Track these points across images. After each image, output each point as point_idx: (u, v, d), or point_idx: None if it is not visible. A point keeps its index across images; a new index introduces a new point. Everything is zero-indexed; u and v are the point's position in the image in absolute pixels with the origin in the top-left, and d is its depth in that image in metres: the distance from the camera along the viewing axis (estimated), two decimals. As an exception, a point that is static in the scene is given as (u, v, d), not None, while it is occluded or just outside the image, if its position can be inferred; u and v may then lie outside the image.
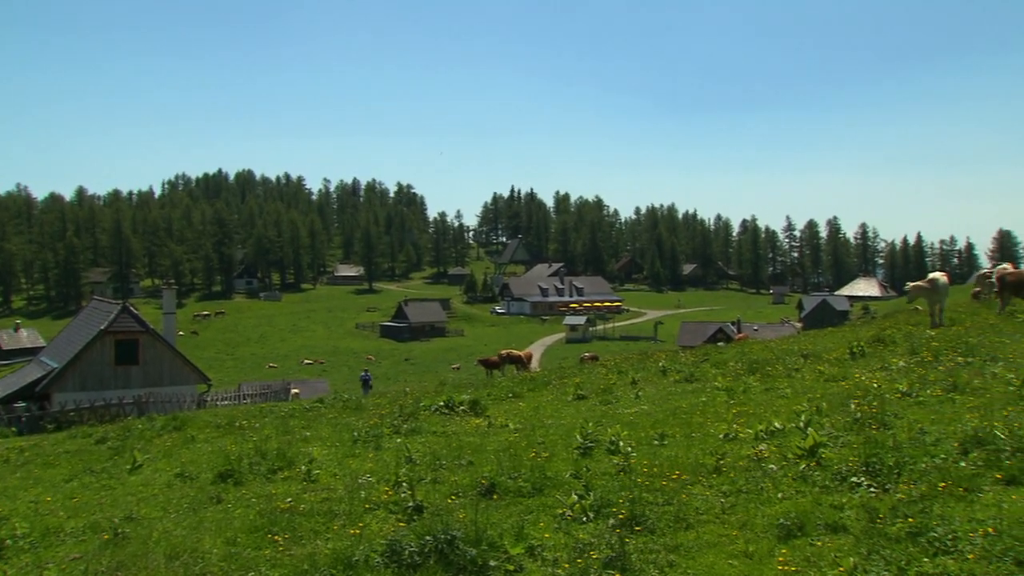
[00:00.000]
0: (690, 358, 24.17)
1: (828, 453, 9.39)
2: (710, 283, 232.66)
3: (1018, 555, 5.98)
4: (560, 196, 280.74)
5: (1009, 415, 9.63)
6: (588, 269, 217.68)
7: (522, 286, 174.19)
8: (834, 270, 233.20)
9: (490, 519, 8.31)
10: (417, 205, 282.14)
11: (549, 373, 27.61)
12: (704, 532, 7.69)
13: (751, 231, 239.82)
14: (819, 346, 21.70)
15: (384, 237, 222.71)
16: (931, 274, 23.81)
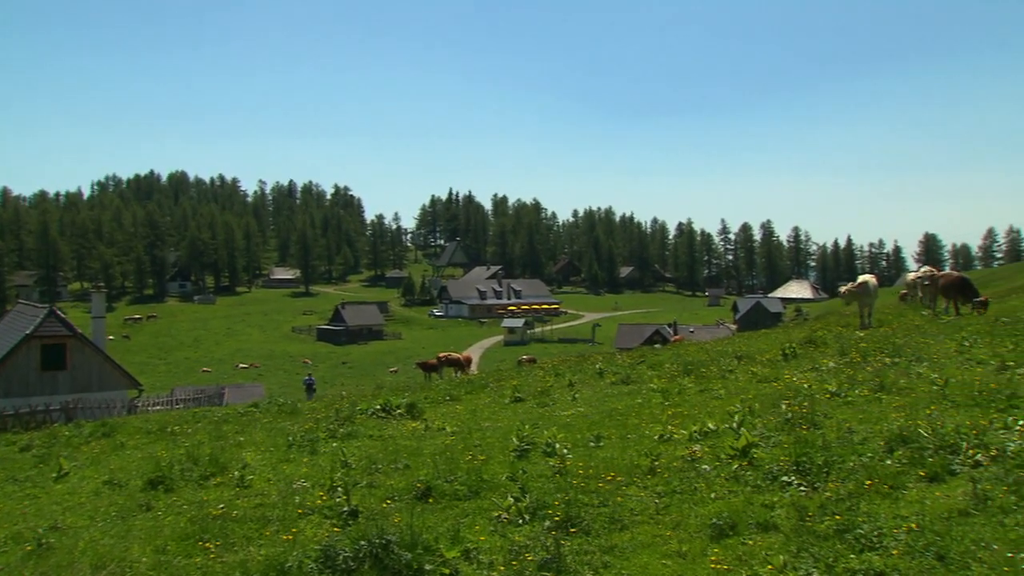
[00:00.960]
0: (627, 360, 24.34)
1: (760, 453, 9.55)
2: (647, 285, 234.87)
3: (939, 550, 6.14)
4: (498, 199, 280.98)
5: (932, 414, 9.89)
6: (526, 272, 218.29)
7: (460, 289, 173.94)
8: (768, 272, 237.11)
9: (426, 523, 8.28)
10: (354, 207, 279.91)
11: (487, 376, 27.56)
12: (638, 533, 7.76)
13: (687, 234, 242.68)
14: (753, 348, 22.03)
15: (321, 239, 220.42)
16: (860, 277, 24.35)
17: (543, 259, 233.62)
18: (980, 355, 14.12)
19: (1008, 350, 13.99)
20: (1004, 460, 7.91)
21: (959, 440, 8.58)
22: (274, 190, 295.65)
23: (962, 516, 6.79)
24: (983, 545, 6.15)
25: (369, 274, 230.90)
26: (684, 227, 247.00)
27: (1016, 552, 5.91)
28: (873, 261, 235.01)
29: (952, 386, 11.41)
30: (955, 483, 7.68)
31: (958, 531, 6.47)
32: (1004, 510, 6.72)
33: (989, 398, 10.45)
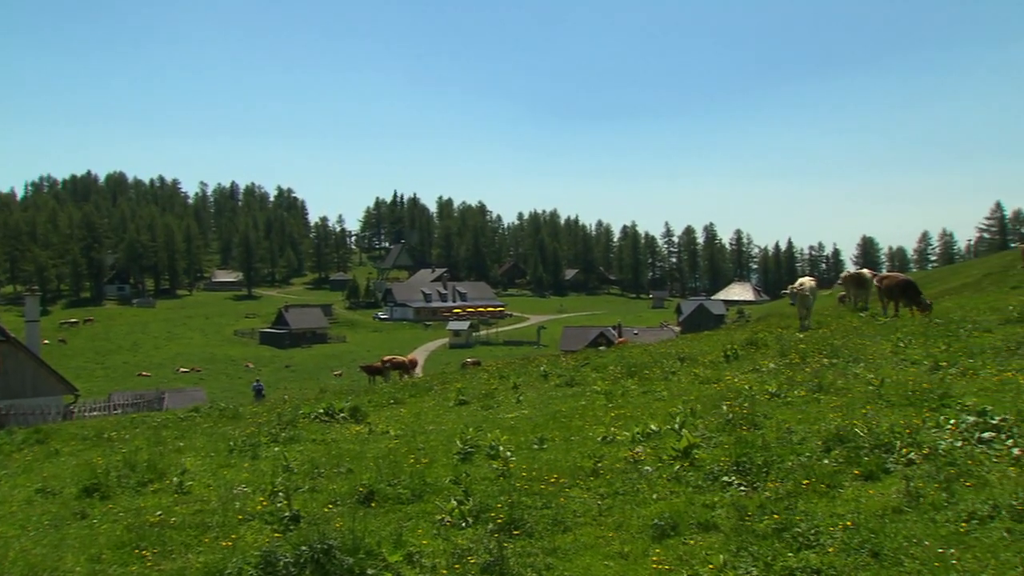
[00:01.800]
0: (571, 362, 24.43)
1: (701, 454, 9.65)
2: (592, 288, 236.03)
3: (874, 547, 6.27)
4: (443, 201, 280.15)
5: (868, 413, 10.10)
6: (471, 274, 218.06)
7: (405, 291, 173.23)
8: (711, 275, 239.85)
9: (368, 527, 8.23)
10: (298, 209, 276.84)
11: (431, 379, 27.49)
12: (581, 534, 7.80)
13: (631, 237, 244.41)
14: (695, 349, 22.24)
15: (264, 242, 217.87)
16: (800, 279, 24.77)
17: (488, 262, 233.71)
18: (914, 355, 14.45)
19: (940, 351, 14.34)
20: (936, 458, 8.10)
21: (893, 439, 8.77)
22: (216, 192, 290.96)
23: (896, 513, 6.95)
24: (915, 541, 6.29)
25: (313, 277, 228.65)
26: (628, 230, 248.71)
27: (946, 548, 6.06)
28: (813, 264, 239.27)
29: (887, 386, 11.65)
30: (889, 481, 7.85)
31: (891, 528, 6.61)
32: (935, 507, 6.88)
33: (922, 397, 10.69)
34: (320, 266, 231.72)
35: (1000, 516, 6.43)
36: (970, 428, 8.85)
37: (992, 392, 10.64)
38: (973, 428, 8.82)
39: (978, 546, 6.04)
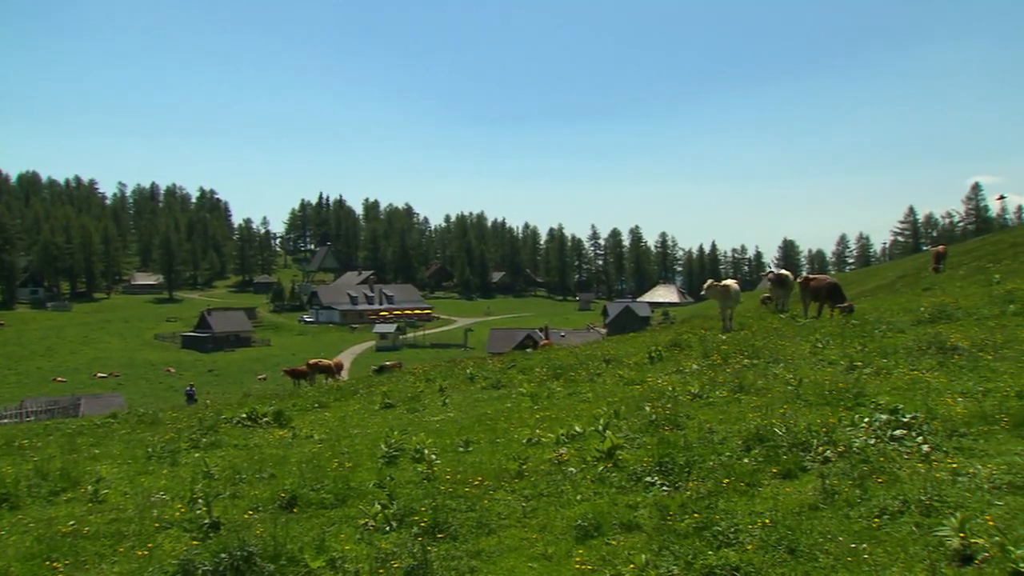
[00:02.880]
0: (498, 365, 24.48)
1: (625, 455, 9.75)
2: (519, 290, 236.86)
3: (790, 543, 6.41)
4: (369, 203, 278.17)
5: (786, 413, 10.33)
6: (398, 277, 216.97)
7: (331, 294, 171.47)
8: (636, 277, 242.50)
9: (290, 533, 8.13)
10: (221, 211, 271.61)
11: (357, 382, 27.31)
12: (506, 536, 7.80)
13: (558, 239, 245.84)
14: (621, 351, 22.47)
15: (186, 244, 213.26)
16: (723, 281, 25.18)
17: (415, 264, 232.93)
18: (831, 356, 14.81)
19: (856, 351, 14.72)
20: (850, 456, 8.31)
21: (810, 438, 8.97)
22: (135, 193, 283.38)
23: (812, 510, 7.10)
24: (830, 537, 6.44)
25: (237, 279, 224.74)
26: (555, 232, 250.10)
27: (859, 543, 6.22)
28: (736, 266, 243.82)
29: (805, 386, 11.92)
30: (806, 479, 8.03)
31: (807, 525, 6.76)
32: (850, 503, 7.06)
33: (838, 397, 10.96)
34: (244, 269, 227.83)
35: (909, 511, 6.62)
36: (883, 426, 9.09)
37: (904, 391, 10.96)
38: (886, 426, 9.07)
39: (889, 540, 6.21)
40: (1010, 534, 5.53)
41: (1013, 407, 8.99)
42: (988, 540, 5.54)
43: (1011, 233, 68.44)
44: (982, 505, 6.47)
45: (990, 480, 6.96)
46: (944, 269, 41.47)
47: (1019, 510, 6.24)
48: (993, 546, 5.44)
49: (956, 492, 6.84)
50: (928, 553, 5.82)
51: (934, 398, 10.11)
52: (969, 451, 8.00)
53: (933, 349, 13.57)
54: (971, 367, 11.96)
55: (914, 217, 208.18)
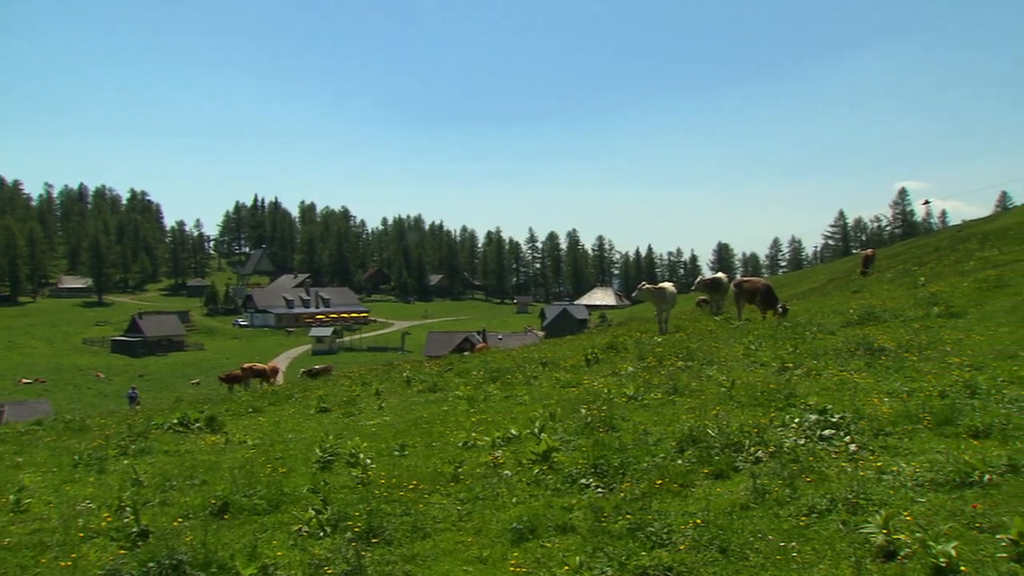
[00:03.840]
0: (435, 368, 24.43)
1: (560, 457, 9.80)
2: (456, 293, 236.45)
3: (722, 543, 6.50)
4: (306, 206, 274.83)
5: (719, 414, 10.48)
6: (335, 280, 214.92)
7: (266, 297, 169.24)
8: (574, 280, 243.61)
9: (221, 540, 8.00)
10: (153, 213, 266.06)
11: (292, 386, 27.02)
12: (441, 540, 7.78)
13: (496, 242, 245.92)
14: (558, 354, 22.58)
15: (116, 247, 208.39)
16: (660, 284, 25.46)
17: (352, 267, 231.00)
18: (763, 358, 15.07)
19: (788, 352, 14.99)
20: (781, 456, 8.47)
21: (742, 438, 9.13)
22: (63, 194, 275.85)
23: (743, 510, 7.22)
24: (760, 536, 6.55)
25: (169, 283, 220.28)
26: (493, 236, 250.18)
27: (788, 541, 6.34)
28: (672, 269, 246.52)
29: (738, 387, 12.11)
30: (738, 479, 8.15)
31: (739, 524, 6.86)
32: (780, 502, 7.19)
33: (770, 398, 11.16)
34: (177, 272, 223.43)
35: (837, 509, 6.76)
36: (812, 426, 9.28)
37: (833, 391, 11.20)
38: (815, 426, 9.26)
39: (816, 538, 6.34)
40: (931, 530, 5.68)
41: (936, 406, 9.24)
42: (910, 536, 5.68)
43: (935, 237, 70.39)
44: (905, 502, 6.64)
45: (913, 478, 7.15)
46: (872, 272, 42.44)
47: (940, 507, 6.41)
48: (915, 542, 5.58)
49: (881, 490, 7.00)
50: (854, 550, 5.95)
51: (861, 398, 10.35)
52: (894, 450, 8.21)
53: (861, 350, 13.88)
54: (897, 368, 12.27)
55: (844, 221, 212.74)
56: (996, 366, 11.38)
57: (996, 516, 5.92)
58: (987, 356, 12.19)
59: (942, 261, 38.09)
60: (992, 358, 11.98)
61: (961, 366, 11.70)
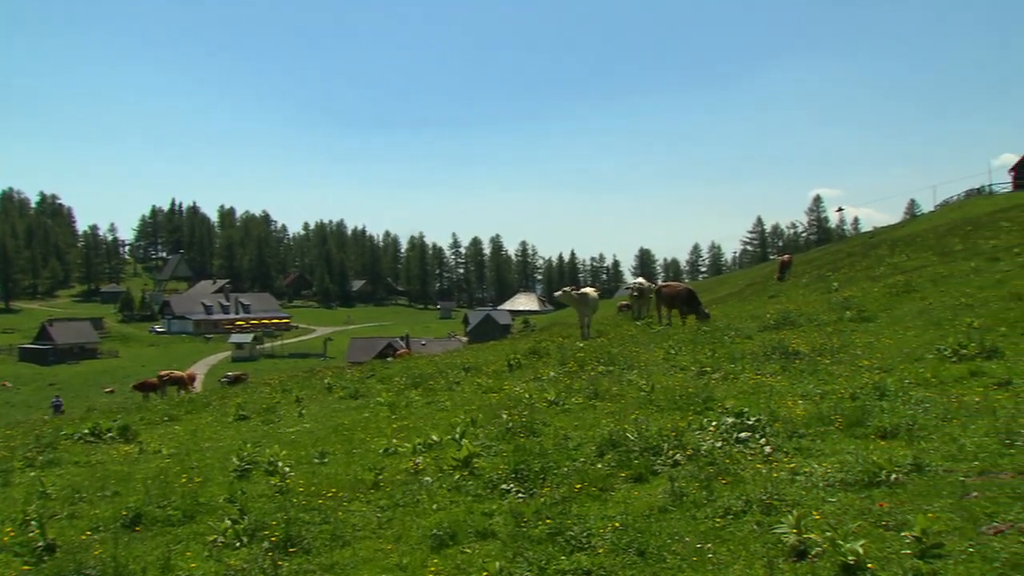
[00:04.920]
0: (357, 374, 24.24)
1: (481, 462, 9.79)
2: (380, 299, 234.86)
3: (640, 546, 6.56)
4: (225, 210, 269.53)
5: (639, 418, 10.57)
6: (255, 285, 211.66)
7: (184, 303, 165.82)
8: (497, 285, 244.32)
9: (133, 553, 7.80)
10: (64, 217, 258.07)
11: (210, 394, 26.52)
12: (360, 548, 7.70)
13: (419, 248, 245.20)
14: (480, 359, 22.60)
15: (24, 251, 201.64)
16: (582, 289, 25.68)
17: (273, 272, 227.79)
18: (683, 362, 15.32)
19: (706, 357, 15.26)
20: (698, 458, 8.60)
21: (661, 442, 9.23)
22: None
23: (661, 512, 7.29)
24: (677, 538, 6.63)
25: (82, 289, 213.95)
26: (416, 241, 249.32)
27: (704, 543, 6.43)
28: (595, 274, 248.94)
29: (657, 391, 12.27)
30: (657, 482, 8.24)
31: (657, 527, 6.94)
32: (697, 504, 7.29)
33: (688, 402, 11.33)
34: (90, 277, 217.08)
35: (751, 510, 6.89)
36: (729, 429, 9.45)
37: (749, 395, 11.43)
38: (732, 429, 9.43)
39: (732, 539, 6.44)
40: (840, 529, 5.81)
41: (847, 408, 9.49)
42: (821, 535, 5.81)
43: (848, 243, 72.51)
44: (817, 502, 6.79)
45: (824, 478, 7.33)
46: (788, 277, 43.50)
47: (849, 506, 6.58)
48: (826, 541, 5.70)
49: (794, 491, 7.16)
50: (767, 550, 6.06)
51: (777, 401, 10.58)
52: (807, 451, 8.41)
53: (777, 354, 14.19)
54: (811, 371, 12.58)
55: (762, 227, 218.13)
56: (904, 368, 11.75)
57: (901, 514, 6.10)
58: (895, 359, 12.57)
59: (855, 267, 39.21)
60: (900, 361, 12.36)
61: (871, 369, 12.06)
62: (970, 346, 11.98)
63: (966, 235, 37.63)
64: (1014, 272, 21.19)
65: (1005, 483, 6.46)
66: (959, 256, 29.60)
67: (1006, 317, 14.59)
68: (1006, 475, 6.69)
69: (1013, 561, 5.04)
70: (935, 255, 32.60)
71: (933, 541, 5.43)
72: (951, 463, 7.27)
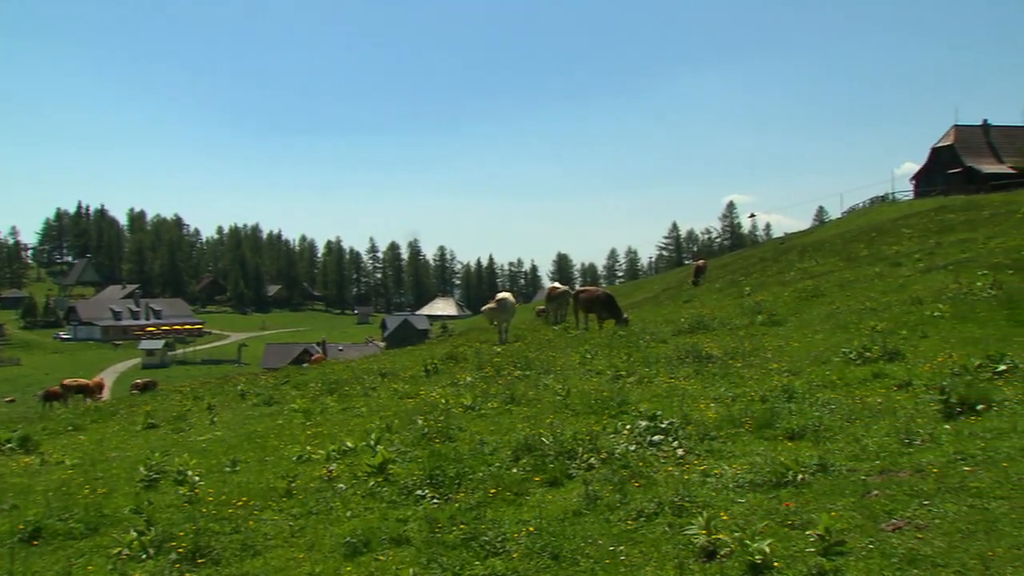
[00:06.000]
0: (271, 380, 23.86)
1: (396, 469, 9.72)
2: (296, 304, 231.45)
3: (554, 549, 6.58)
4: (135, 214, 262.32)
5: (554, 422, 10.63)
6: (167, 291, 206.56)
7: (91, 309, 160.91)
8: (415, 290, 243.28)
9: (31, 567, 7.54)
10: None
11: (118, 402, 25.79)
12: (272, 558, 7.56)
13: (336, 252, 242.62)
14: (398, 364, 22.45)
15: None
16: (499, 294, 25.71)
17: (186, 277, 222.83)
18: (599, 366, 15.44)
19: (622, 361, 15.42)
20: (612, 462, 8.68)
21: (576, 446, 9.28)
22: None
23: (575, 516, 7.33)
24: (591, 541, 6.68)
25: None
26: (333, 245, 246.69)
27: (617, 545, 6.49)
28: (513, 279, 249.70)
29: (573, 396, 12.34)
30: (571, 486, 8.28)
31: (571, 530, 6.97)
32: (610, 507, 7.34)
33: (603, 405, 11.42)
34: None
35: (664, 512, 6.98)
36: (643, 432, 9.55)
37: (663, 398, 11.58)
38: (645, 432, 9.54)
39: (644, 541, 6.51)
40: (748, 529, 5.93)
41: (757, 410, 9.70)
42: (730, 536, 5.92)
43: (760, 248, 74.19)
44: (727, 503, 6.92)
45: (734, 479, 7.47)
46: (703, 282, 44.26)
47: (757, 506, 6.72)
48: (734, 541, 5.81)
49: (705, 492, 7.28)
50: (678, 551, 6.14)
51: (690, 404, 10.73)
52: (718, 453, 8.56)
53: (690, 358, 14.42)
54: (723, 374, 12.82)
55: (677, 232, 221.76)
56: (811, 371, 12.06)
57: (807, 513, 6.25)
58: (804, 361, 12.90)
59: (766, 272, 40.15)
60: (808, 363, 12.68)
61: (781, 371, 12.35)
62: (873, 349, 12.37)
63: (871, 241, 38.87)
64: (915, 277, 21.96)
65: (904, 481, 6.68)
66: (864, 261, 30.56)
67: (907, 320, 15.11)
68: (904, 473, 6.92)
69: (909, 556, 5.21)
70: (842, 260, 33.58)
71: (836, 539, 5.57)
72: (854, 463, 7.49)
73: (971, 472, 6.61)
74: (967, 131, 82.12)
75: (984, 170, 76.23)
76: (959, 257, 24.69)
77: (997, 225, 32.66)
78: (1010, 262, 20.69)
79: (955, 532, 5.46)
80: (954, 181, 76.11)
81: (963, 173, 77.25)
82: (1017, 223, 31.88)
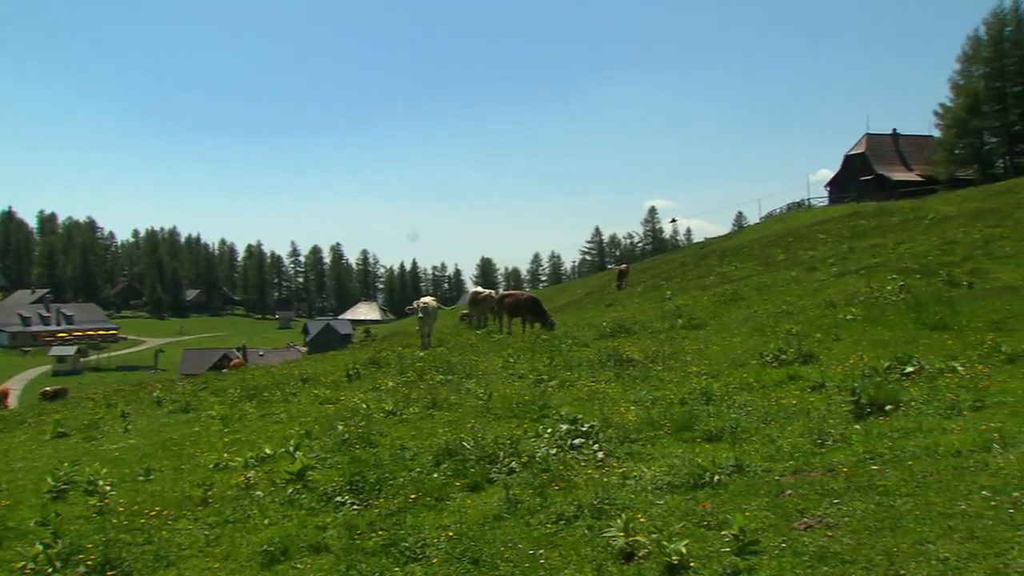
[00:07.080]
0: (189, 387, 23.39)
1: (315, 475, 9.60)
2: (215, 309, 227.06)
3: (474, 554, 6.56)
4: (46, 216, 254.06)
5: (475, 427, 10.61)
6: (80, 295, 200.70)
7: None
8: (338, 295, 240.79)
9: (-74, 586, 7.21)
10: None
11: (26, 410, 24.95)
12: (186, 568, 7.40)
13: (256, 256, 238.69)
14: (319, 369, 22.21)
15: None
16: (422, 299, 25.61)
17: (100, 282, 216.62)
18: (521, 370, 15.49)
19: (544, 365, 15.49)
20: (533, 465, 8.70)
21: (497, 450, 9.29)
22: None
23: (496, 520, 7.32)
24: (511, 545, 6.67)
25: None
26: (253, 249, 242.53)
27: (537, 549, 6.49)
28: (436, 283, 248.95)
29: (495, 400, 12.36)
30: (492, 490, 8.28)
31: (491, 535, 6.96)
32: (531, 511, 7.35)
33: (525, 409, 11.47)
34: None
35: (583, 515, 7.01)
36: (564, 436, 9.61)
37: (584, 402, 11.68)
38: (566, 435, 9.59)
39: (564, 544, 6.53)
40: (666, 530, 5.99)
41: (676, 413, 9.84)
42: (648, 537, 5.97)
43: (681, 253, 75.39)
44: (645, 505, 6.98)
45: (653, 481, 7.55)
46: (626, 286, 44.78)
47: (675, 508, 6.80)
48: (651, 542, 5.87)
49: (624, 494, 7.34)
50: (597, 554, 6.18)
51: (610, 407, 10.85)
52: (638, 455, 8.66)
53: (612, 361, 14.57)
54: (643, 377, 12.98)
55: (600, 237, 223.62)
56: (729, 374, 12.29)
57: (723, 514, 6.35)
58: (722, 364, 13.14)
59: (687, 276, 40.79)
60: (726, 366, 12.92)
61: (699, 374, 12.56)
62: (789, 351, 12.66)
63: (788, 246, 39.81)
64: (829, 281, 22.56)
65: (815, 480, 6.83)
66: (781, 266, 31.28)
67: (821, 323, 15.50)
68: (816, 473, 7.08)
69: (820, 554, 5.32)
70: (760, 265, 34.32)
71: (750, 538, 5.67)
72: (769, 463, 7.65)
73: (879, 471, 6.80)
74: (878, 139, 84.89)
75: (894, 177, 78.92)
76: (870, 262, 25.46)
77: (906, 231, 33.77)
78: (918, 267, 21.41)
79: (863, 529, 5.59)
80: (866, 188, 78.56)
81: (874, 180, 79.79)
82: (924, 229, 33.01)
